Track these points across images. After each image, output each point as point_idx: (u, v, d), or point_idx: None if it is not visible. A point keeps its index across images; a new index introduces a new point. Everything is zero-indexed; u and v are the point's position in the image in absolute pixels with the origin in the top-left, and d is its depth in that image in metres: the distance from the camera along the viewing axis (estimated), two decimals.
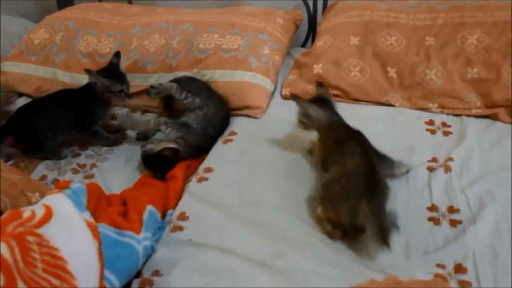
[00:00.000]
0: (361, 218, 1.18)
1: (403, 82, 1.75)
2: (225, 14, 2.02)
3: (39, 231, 1.00)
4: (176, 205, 1.36)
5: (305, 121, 1.44)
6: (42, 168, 1.62)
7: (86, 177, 1.57)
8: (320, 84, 1.54)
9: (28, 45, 2.05)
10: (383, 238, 1.14)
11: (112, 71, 1.66)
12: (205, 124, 1.60)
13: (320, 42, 1.87)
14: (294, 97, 1.44)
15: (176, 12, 2.08)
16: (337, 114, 1.47)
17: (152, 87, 1.65)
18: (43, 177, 1.58)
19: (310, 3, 2.21)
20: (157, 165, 1.51)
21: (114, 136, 1.73)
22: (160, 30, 1.94)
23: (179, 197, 1.40)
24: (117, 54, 1.72)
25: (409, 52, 1.76)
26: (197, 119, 1.59)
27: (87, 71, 1.62)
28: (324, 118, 1.42)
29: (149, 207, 1.26)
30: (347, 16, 1.89)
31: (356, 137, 1.37)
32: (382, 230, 1.15)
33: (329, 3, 2.15)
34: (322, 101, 1.47)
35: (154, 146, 1.52)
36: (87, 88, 1.66)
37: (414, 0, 1.91)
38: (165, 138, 1.57)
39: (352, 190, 1.21)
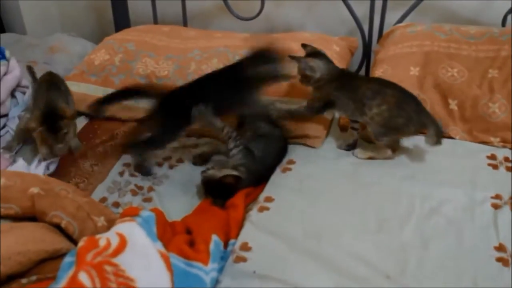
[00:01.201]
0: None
1: (465, 115, 1.73)
2: (282, 40, 2.02)
3: (115, 260, 1.01)
4: (237, 234, 1.36)
5: (308, 74, 1.65)
6: (102, 190, 1.64)
7: (145, 200, 1.59)
8: (304, 44, 1.74)
9: (89, 66, 2.09)
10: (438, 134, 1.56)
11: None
12: (266, 152, 1.61)
13: (379, 72, 1.86)
14: (291, 57, 1.63)
15: (233, 37, 2.11)
16: (332, 63, 1.70)
17: None
18: (103, 199, 1.60)
19: (365, 29, 2.20)
20: (218, 191, 1.52)
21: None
22: (218, 55, 1.96)
23: (240, 225, 1.40)
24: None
25: (471, 84, 1.74)
26: (259, 147, 1.60)
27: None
28: (326, 66, 1.66)
29: (214, 237, 1.27)
30: (407, 46, 1.88)
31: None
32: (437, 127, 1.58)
33: (385, 30, 2.14)
34: (316, 53, 1.69)
35: (215, 172, 1.52)
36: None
37: (475, 30, 1.88)
38: (227, 163, 1.58)
39: (408, 113, 1.57)
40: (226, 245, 1.34)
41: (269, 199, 1.47)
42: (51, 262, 1.17)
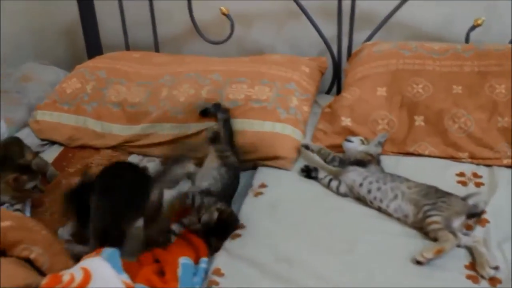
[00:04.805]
0: None
1: (431, 130, 1.75)
2: (252, 63, 2.05)
3: None
4: (206, 252, 1.38)
5: None
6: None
7: None
8: None
9: (60, 94, 2.10)
10: None
11: None
12: (230, 182, 1.60)
13: (347, 95, 1.89)
14: None
15: (203, 61, 2.12)
16: None
17: None
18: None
19: (334, 48, 2.24)
20: (218, 232, 1.45)
21: None
22: (189, 80, 1.97)
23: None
24: None
25: (436, 99, 1.77)
26: (226, 176, 1.58)
27: None
28: None
29: (182, 260, 1.28)
30: (373, 67, 1.90)
31: None
32: None
33: (354, 48, 2.17)
34: None
35: (210, 216, 1.44)
36: None
37: (439, 47, 1.91)
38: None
39: None
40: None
41: (240, 226, 1.47)
42: None
